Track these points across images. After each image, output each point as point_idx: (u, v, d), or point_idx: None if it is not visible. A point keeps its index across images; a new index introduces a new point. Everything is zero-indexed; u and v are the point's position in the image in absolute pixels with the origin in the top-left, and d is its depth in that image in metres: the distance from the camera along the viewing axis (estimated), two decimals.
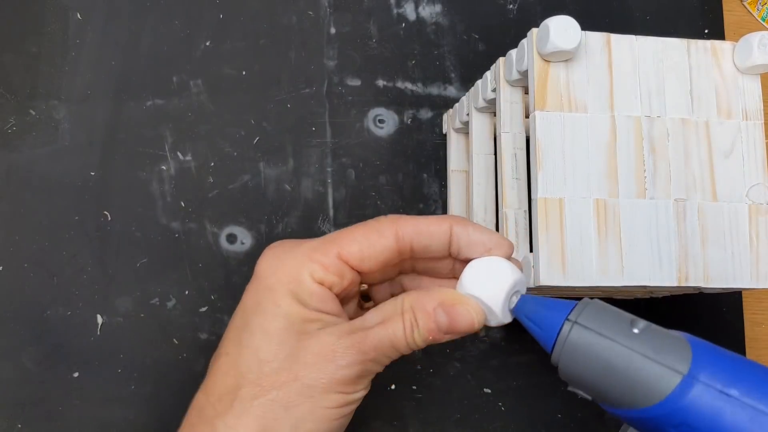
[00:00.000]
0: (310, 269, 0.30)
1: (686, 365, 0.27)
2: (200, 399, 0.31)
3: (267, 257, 0.31)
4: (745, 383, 0.26)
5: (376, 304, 0.33)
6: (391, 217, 0.31)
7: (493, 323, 0.31)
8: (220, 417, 0.30)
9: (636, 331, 0.28)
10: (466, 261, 0.31)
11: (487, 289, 0.30)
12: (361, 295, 0.35)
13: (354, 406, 0.31)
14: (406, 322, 0.29)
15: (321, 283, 0.30)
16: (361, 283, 0.33)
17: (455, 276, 0.33)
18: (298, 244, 0.31)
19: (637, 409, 0.27)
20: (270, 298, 0.30)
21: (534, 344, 0.49)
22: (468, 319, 0.30)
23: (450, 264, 0.33)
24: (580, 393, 0.29)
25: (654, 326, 0.28)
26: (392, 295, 0.34)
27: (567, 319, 0.28)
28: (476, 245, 0.31)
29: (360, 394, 0.30)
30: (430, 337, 0.30)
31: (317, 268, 0.30)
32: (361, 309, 0.35)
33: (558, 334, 0.28)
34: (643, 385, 0.27)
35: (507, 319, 0.31)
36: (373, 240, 0.30)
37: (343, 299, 0.32)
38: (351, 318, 0.31)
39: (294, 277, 0.30)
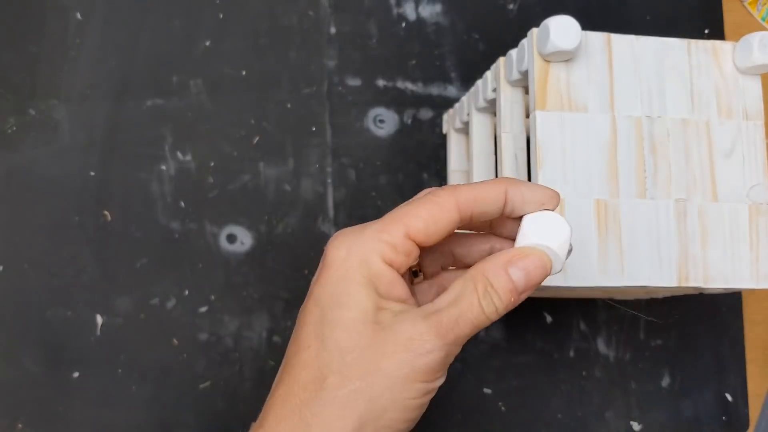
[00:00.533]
0: (380, 250, 0.30)
1: None
2: (282, 390, 0.31)
3: (335, 246, 0.31)
4: None
5: (425, 278, 0.34)
6: (448, 188, 0.31)
7: (556, 271, 0.31)
8: (306, 405, 0.30)
9: None
10: (519, 218, 0.32)
11: (551, 237, 0.30)
12: (411, 271, 0.35)
13: (432, 395, 0.30)
14: (480, 291, 0.29)
15: (390, 264, 0.30)
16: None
17: (495, 233, 0.34)
18: (363, 227, 0.31)
19: None
20: (344, 289, 0.30)
21: (534, 344, 0.50)
22: (541, 266, 0.30)
23: (491, 224, 0.34)
24: None
25: None
26: (442, 267, 0.34)
27: None
28: (530, 203, 0.31)
29: (440, 381, 0.30)
30: (512, 299, 0.29)
31: (386, 249, 0.30)
32: (412, 285, 0.35)
33: None
34: None
35: (564, 263, 0.31)
36: (437, 214, 0.30)
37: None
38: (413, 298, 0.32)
39: (365, 260, 0.30)
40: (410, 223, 0.30)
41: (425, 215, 0.30)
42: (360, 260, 0.30)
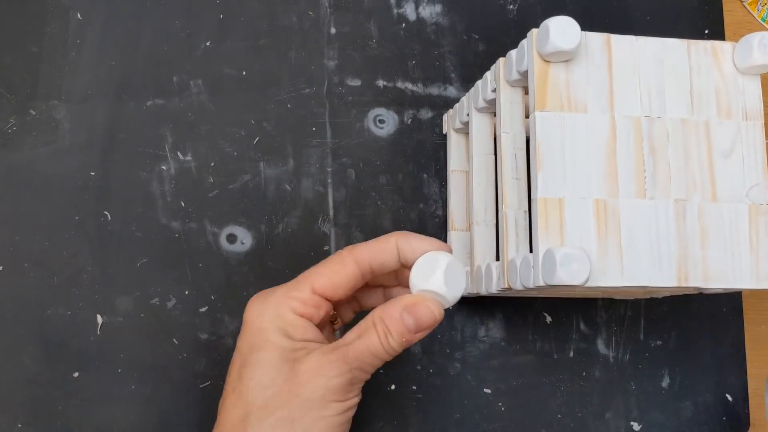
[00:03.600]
0: (290, 305, 0.35)
1: None
2: None
3: (252, 306, 0.36)
4: None
5: (343, 323, 0.40)
6: (348, 247, 0.36)
7: (448, 305, 0.35)
8: None
9: None
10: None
11: (429, 278, 0.34)
12: (330, 320, 0.40)
13: (351, 412, 0.35)
14: (379, 331, 0.34)
15: (301, 316, 0.35)
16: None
17: (400, 284, 0.39)
18: (275, 289, 0.36)
19: None
20: (261, 336, 0.34)
21: (534, 345, 0.50)
22: (429, 313, 0.34)
23: (394, 275, 0.39)
24: None
25: None
26: (353, 312, 0.40)
27: None
28: (419, 252, 0.35)
29: (354, 400, 0.35)
30: (404, 339, 0.34)
31: (296, 304, 0.35)
32: (333, 331, 0.40)
33: None
34: None
35: (455, 295, 0.35)
36: (338, 270, 0.35)
37: (320, 326, 0.37)
38: (329, 341, 0.36)
39: (278, 314, 0.34)
40: (315, 280, 0.35)
41: (328, 272, 0.35)
42: (273, 314, 0.35)
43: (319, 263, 0.36)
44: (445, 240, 0.50)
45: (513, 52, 0.40)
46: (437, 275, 0.34)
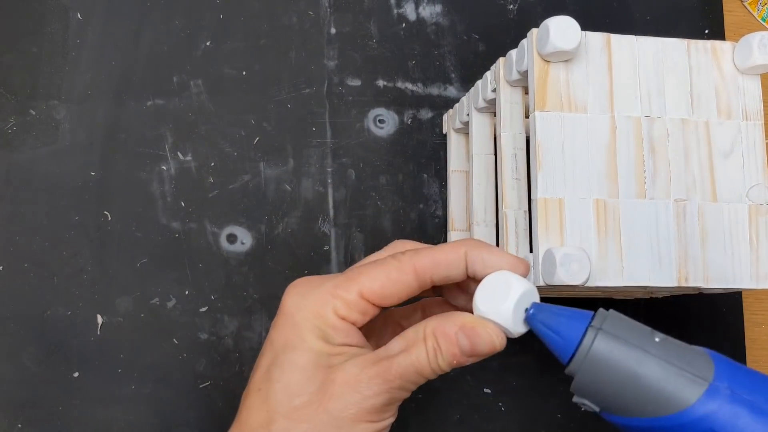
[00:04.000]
0: (333, 306, 0.31)
1: (710, 374, 0.27)
2: None
3: (292, 294, 0.32)
4: (766, 394, 0.26)
5: (400, 325, 0.35)
6: (409, 252, 0.31)
7: (512, 336, 0.31)
8: None
9: (657, 340, 0.28)
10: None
11: (496, 307, 0.30)
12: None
13: None
14: (429, 347, 0.30)
15: (344, 319, 0.31)
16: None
17: (460, 289, 0.34)
18: (321, 281, 0.32)
19: (657, 417, 0.27)
20: (297, 334, 0.31)
21: (533, 345, 0.49)
22: (489, 341, 0.30)
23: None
24: (586, 404, 0.29)
25: (671, 338, 0.28)
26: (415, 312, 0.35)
27: (590, 326, 0.28)
28: (490, 268, 0.31)
29: (388, 421, 0.31)
30: (454, 362, 0.30)
31: (340, 305, 0.31)
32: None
33: (580, 342, 0.28)
34: (667, 393, 0.27)
35: (521, 330, 0.31)
36: (394, 277, 0.31)
37: (368, 328, 0.33)
38: (381, 344, 0.32)
39: (318, 313, 0.31)
40: (365, 283, 0.31)
41: (383, 278, 0.31)
42: (313, 312, 0.31)
43: (374, 261, 0.32)
44: (444, 240, 0.50)
45: (513, 52, 0.40)
46: (506, 306, 0.30)
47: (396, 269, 0.31)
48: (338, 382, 0.30)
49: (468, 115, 0.46)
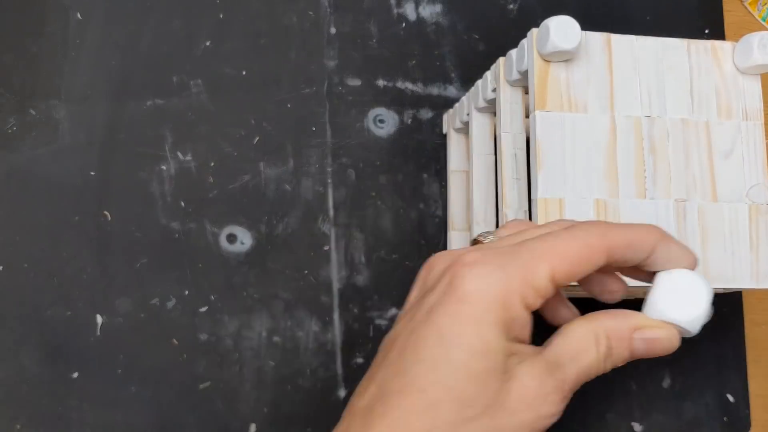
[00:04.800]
0: (522, 294, 0.26)
1: None
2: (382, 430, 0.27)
3: (475, 275, 0.26)
4: None
5: None
6: (602, 228, 0.27)
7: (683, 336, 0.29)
8: None
9: None
10: (650, 271, 0.29)
11: (686, 312, 0.28)
12: None
13: None
14: (600, 351, 0.27)
15: (527, 308, 0.27)
16: None
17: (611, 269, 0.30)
18: (505, 260, 0.27)
19: None
20: (477, 331, 0.26)
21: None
22: (666, 346, 0.28)
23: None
24: None
25: None
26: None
27: None
28: (673, 263, 0.28)
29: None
30: (619, 364, 0.28)
31: (530, 293, 0.26)
32: None
33: None
34: None
35: (696, 333, 0.29)
36: (585, 257, 0.27)
37: None
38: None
39: (505, 303, 0.26)
40: (557, 265, 0.26)
41: (574, 257, 0.26)
42: (501, 302, 0.26)
43: (559, 234, 0.27)
44: (444, 240, 0.50)
45: (513, 52, 0.40)
46: (698, 314, 0.27)
47: (587, 248, 0.27)
48: (514, 397, 0.26)
49: (468, 114, 0.46)
